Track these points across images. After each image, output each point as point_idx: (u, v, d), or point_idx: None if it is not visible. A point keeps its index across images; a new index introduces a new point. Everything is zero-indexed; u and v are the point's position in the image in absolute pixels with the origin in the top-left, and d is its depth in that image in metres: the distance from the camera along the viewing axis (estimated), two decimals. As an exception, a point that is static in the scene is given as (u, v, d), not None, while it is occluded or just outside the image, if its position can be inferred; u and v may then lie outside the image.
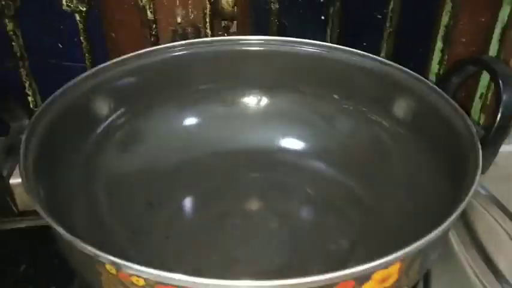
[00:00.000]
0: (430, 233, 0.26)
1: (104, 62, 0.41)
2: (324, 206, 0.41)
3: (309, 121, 0.44)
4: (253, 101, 0.45)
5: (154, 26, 0.48)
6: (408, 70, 0.40)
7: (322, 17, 0.50)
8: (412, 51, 0.53)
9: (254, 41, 0.44)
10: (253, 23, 0.50)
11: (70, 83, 0.38)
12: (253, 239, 0.39)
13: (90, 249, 0.25)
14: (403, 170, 0.39)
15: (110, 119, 0.40)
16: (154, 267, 0.24)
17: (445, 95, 0.37)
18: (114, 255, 0.24)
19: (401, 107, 0.40)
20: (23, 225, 0.43)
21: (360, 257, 0.36)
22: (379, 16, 0.51)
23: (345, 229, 0.39)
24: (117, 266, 0.24)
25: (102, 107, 0.40)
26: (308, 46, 0.43)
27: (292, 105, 0.44)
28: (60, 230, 0.25)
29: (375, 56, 0.42)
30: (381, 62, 0.42)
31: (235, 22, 0.50)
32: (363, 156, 0.42)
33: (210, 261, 0.37)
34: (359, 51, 0.43)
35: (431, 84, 0.38)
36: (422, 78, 0.39)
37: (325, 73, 0.44)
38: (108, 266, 0.25)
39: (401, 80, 0.40)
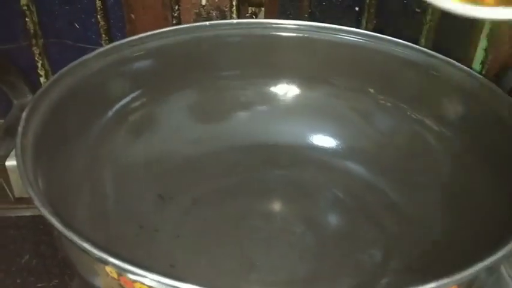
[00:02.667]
0: (496, 252, 0.21)
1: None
2: (354, 211, 0.37)
3: (342, 116, 0.40)
4: (281, 91, 0.42)
5: (176, 7, 0.46)
6: (459, 64, 0.36)
7: (357, 8, 0.48)
8: (451, 49, 0.49)
9: (286, 26, 0.40)
10: (281, 11, 0.48)
11: (81, 59, 0.35)
12: (274, 244, 0.35)
13: (88, 248, 0.21)
14: (449, 177, 0.35)
15: (122, 102, 0.37)
16: (162, 271, 0.21)
17: (502, 92, 0.33)
18: (118, 255, 0.20)
19: (448, 105, 0.36)
20: (27, 213, 0.41)
21: (395, 271, 0.32)
22: (418, 10, 0.47)
23: (378, 238, 0.35)
24: (119, 270, 0.20)
25: (115, 88, 0.37)
26: (345, 34, 0.40)
27: (324, 98, 0.41)
28: (54, 221, 0.22)
29: (420, 47, 0.38)
30: (427, 53, 0.38)
31: (262, 9, 0.49)
32: (402, 159, 0.38)
33: (225, 266, 0.33)
34: (402, 41, 0.39)
35: (485, 80, 0.34)
36: (475, 73, 0.35)
37: (361, 64, 0.40)
38: (108, 269, 0.21)
39: (450, 74, 0.36)
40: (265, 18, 0.48)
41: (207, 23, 0.40)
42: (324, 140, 0.41)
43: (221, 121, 0.41)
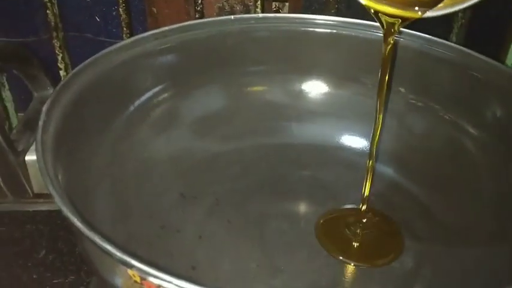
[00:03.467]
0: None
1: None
2: (383, 215, 0.35)
3: (371, 116, 0.38)
4: (308, 88, 0.40)
5: (199, 1, 0.45)
6: (498, 63, 0.34)
7: (384, 3, 0.46)
8: (482, 48, 0.48)
9: (314, 21, 0.39)
10: (306, 6, 0.47)
11: (103, 52, 0.34)
12: (300, 247, 0.34)
13: (111, 250, 0.20)
14: (487, 184, 0.33)
15: (145, 97, 0.36)
16: (184, 273, 0.19)
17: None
18: (142, 258, 0.19)
19: (486, 107, 0.34)
20: (44, 208, 0.40)
21: (427, 280, 0.31)
22: None
23: (409, 245, 0.33)
24: (143, 274, 0.19)
25: (138, 82, 0.36)
26: (376, 30, 0.38)
27: (353, 96, 0.40)
28: (76, 221, 0.21)
29: (456, 45, 0.36)
30: (463, 52, 0.36)
31: (286, 4, 0.47)
32: (435, 162, 0.36)
33: (249, 269, 0.32)
34: (436, 38, 0.37)
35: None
36: (516, 74, 0.33)
37: (393, 62, 0.38)
38: (130, 272, 0.20)
39: (488, 74, 0.34)
40: (289, 13, 0.47)
41: (232, 17, 0.39)
42: (351, 140, 0.40)
43: (245, 118, 0.40)
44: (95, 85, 0.32)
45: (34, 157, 0.27)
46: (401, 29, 0.38)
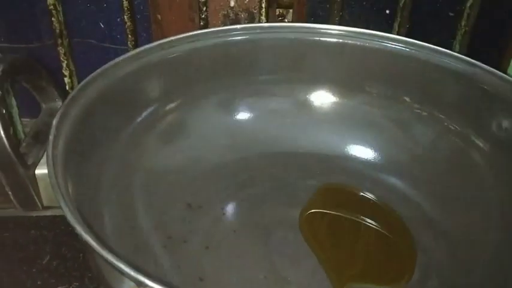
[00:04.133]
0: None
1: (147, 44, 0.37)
2: (389, 226, 0.36)
3: (376, 126, 0.39)
4: (314, 98, 0.41)
5: (204, 8, 0.45)
6: (502, 74, 0.34)
7: (387, 11, 0.46)
8: (484, 55, 0.48)
9: (320, 30, 0.39)
10: (309, 13, 0.47)
11: (111, 63, 0.34)
12: (306, 258, 0.34)
13: (125, 269, 0.20)
14: (493, 196, 0.33)
15: (153, 107, 0.36)
16: (193, 286, 0.19)
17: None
18: (157, 278, 0.19)
19: (491, 118, 0.34)
20: (48, 213, 0.41)
21: (434, 291, 0.31)
22: (451, 13, 0.46)
23: (415, 256, 0.33)
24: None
25: (145, 92, 0.36)
26: (382, 39, 0.38)
27: (359, 106, 0.40)
28: (89, 239, 0.21)
29: (461, 56, 0.36)
30: (468, 62, 0.36)
31: (290, 11, 0.47)
32: (440, 172, 0.36)
33: (257, 280, 0.32)
34: (441, 49, 0.37)
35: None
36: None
37: (397, 72, 0.39)
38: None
39: (492, 85, 0.35)
40: (293, 19, 0.47)
41: (238, 26, 0.39)
42: (357, 150, 0.40)
43: (251, 128, 0.40)
44: (102, 97, 0.32)
45: (44, 171, 0.27)
46: (406, 39, 0.38)
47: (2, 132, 0.26)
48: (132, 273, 0.20)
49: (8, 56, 0.28)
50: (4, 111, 0.25)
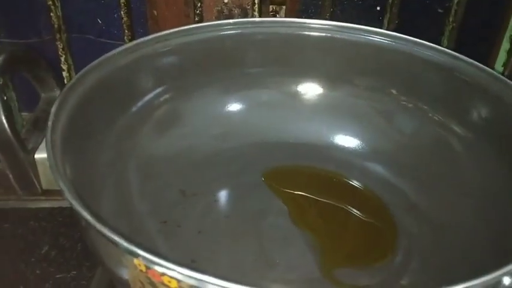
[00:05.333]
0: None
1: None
2: (374, 212, 0.37)
3: (363, 117, 0.40)
4: (303, 90, 0.42)
5: (199, 4, 0.46)
6: (483, 66, 0.36)
7: (378, 8, 0.47)
8: (473, 51, 0.49)
9: (310, 25, 0.40)
10: (302, 10, 0.48)
11: (107, 55, 0.35)
12: (294, 242, 0.35)
13: (118, 240, 0.21)
14: (473, 181, 0.34)
15: (148, 98, 0.37)
16: (186, 265, 0.21)
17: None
18: (148, 248, 0.21)
19: (472, 108, 0.36)
20: (46, 205, 0.42)
21: (415, 272, 0.32)
22: (440, 10, 0.47)
23: (399, 239, 0.35)
24: (148, 263, 0.21)
25: (140, 83, 0.37)
26: (369, 34, 0.39)
27: (346, 98, 0.41)
28: (85, 214, 0.22)
29: (444, 49, 0.38)
30: (451, 55, 0.37)
31: (283, 7, 0.48)
32: (423, 161, 0.38)
33: (246, 262, 0.33)
34: (426, 42, 0.39)
35: (511, 83, 0.34)
36: (501, 76, 0.35)
37: (384, 65, 0.40)
38: (136, 261, 0.21)
39: (474, 76, 0.36)
40: (286, 16, 0.48)
41: (231, 20, 0.40)
42: (344, 140, 0.41)
43: (243, 118, 0.41)
44: (99, 87, 0.33)
45: (43, 155, 0.28)
46: (392, 33, 0.40)
47: (3, 118, 0.27)
48: (127, 244, 0.21)
49: (9, 46, 0.29)
50: (5, 98, 0.26)
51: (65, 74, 0.49)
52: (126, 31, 0.48)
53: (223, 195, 0.38)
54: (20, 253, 0.38)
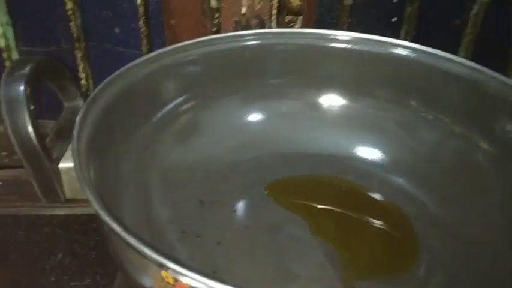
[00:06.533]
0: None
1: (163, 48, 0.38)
2: (395, 225, 0.37)
3: (383, 128, 0.40)
4: (324, 101, 0.42)
5: (217, 15, 0.45)
6: (505, 78, 0.35)
7: (395, 18, 0.48)
8: (490, 62, 0.49)
9: (330, 36, 0.40)
10: (318, 20, 0.48)
11: (129, 65, 0.35)
12: (314, 254, 0.35)
13: (147, 252, 0.21)
14: (497, 196, 0.34)
15: (169, 107, 0.37)
16: (216, 279, 0.21)
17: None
18: (177, 260, 0.20)
19: (494, 121, 0.35)
20: (61, 212, 0.42)
21: (439, 286, 0.32)
22: (457, 21, 0.47)
23: (421, 253, 0.34)
24: (177, 275, 0.21)
25: (161, 93, 0.37)
26: (389, 45, 0.39)
27: (367, 109, 0.41)
28: (113, 224, 0.22)
29: (465, 61, 0.37)
30: (472, 67, 0.37)
31: (300, 18, 0.48)
32: (446, 174, 0.37)
33: (266, 274, 0.33)
34: (447, 54, 0.38)
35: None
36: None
37: (404, 76, 0.40)
38: (164, 274, 0.21)
39: (496, 89, 0.36)
40: (302, 26, 0.48)
41: (251, 31, 0.40)
42: (364, 151, 0.41)
43: (263, 128, 0.41)
44: (121, 97, 0.33)
45: (67, 165, 0.28)
46: (413, 45, 0.40)
47: (30, 128, 0.27)
48: (156, 256, 0.21)
49: (35, 56, 0.30)
50: (32, 108, 0.27)
51: (82, 82, 0.50)
52: (144, 40, 0.48)
53: (242, 205, 0.38)
54: (34, 260, 0.38)
